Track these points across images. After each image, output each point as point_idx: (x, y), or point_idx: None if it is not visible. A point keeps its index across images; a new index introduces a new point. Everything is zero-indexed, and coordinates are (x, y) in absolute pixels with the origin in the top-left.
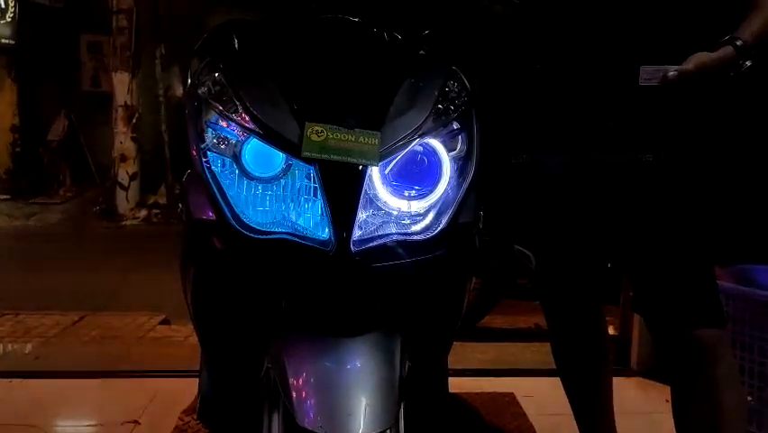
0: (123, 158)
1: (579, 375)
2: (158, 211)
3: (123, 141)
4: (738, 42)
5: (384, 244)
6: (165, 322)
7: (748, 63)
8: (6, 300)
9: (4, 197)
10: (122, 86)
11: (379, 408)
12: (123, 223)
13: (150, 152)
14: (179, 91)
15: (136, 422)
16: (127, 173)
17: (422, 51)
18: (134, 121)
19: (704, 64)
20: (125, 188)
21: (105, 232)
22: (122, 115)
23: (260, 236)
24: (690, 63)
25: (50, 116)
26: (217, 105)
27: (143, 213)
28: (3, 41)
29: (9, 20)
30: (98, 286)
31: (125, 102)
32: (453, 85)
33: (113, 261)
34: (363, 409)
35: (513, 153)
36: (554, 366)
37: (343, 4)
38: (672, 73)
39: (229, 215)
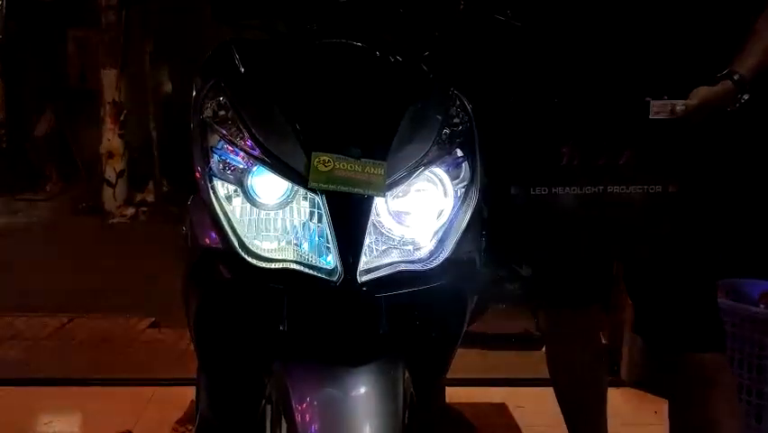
0: (111, 155)
1: (573, 384)
2: (145, 209)
3: (111, 138)
4: (736, 77)
5: (390, 274)
6: (155, 325)
7: (745, 97)
8: None
9: None
10: (110, 82)
11: None
12: (111, 221)
13: (138, 149)
14: (168, 88)
15: (129, 432)
16: (114, 170)
17: (424, 75)
18: (122, 118)
19: (707, 99)
20: (112, 186)
21: (92, 229)
22: (109, 111)
23: (266, 264)
24: (695, 98)
25: (37, 112)
26: (222, 130)
27: (131, 211)
28: None
29: None
30: (86, 285)
31: (113, 99)
32: (457, 111)
33: (100, 259)
34: None
35: (531, 185)
36: (546, 376)
37: (345, 26)
38: (679, 108)
39: (235, 242)
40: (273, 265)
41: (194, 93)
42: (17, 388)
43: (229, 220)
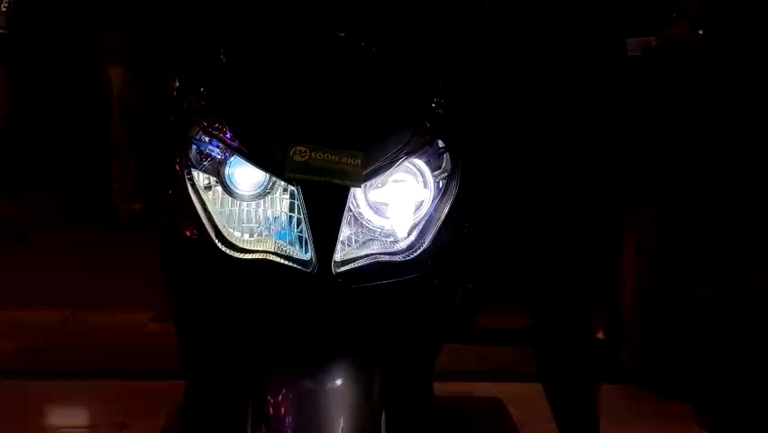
0: (118, 150)
1: (562, 382)
2: (153, 204)
3: (118, 133)
4: (688, 15)
5: (367, 265)
6: (157, 319)
7: (701, 32)
8: None
9: None
10: (117, 77)
11: (359, 429)
12: (118, 215)
13: (146, 144)
14: (175, 84)
15: (123, 424)
16: (122, 165)
17: (408, 66)
18: (129, 113)
19: (670, 36)
20: (120, 181)
21: (99, 224)
22: (117, 106)
23: (243, 255)
24: (660, 38)
25: (44, 107)
26: (202, 120)
27: (138, 206)
28: None
29: (4, 9)
30: (90, 279)
31: (120, 94)
32: (439, 101)
33: (106, 254)
34: (342, 430)
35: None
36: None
37: (330, 17)
38: (654, 43)
39: (212, 233)
40: (250, 256)
41: (176, 83)
42: (14, 380)
43: (206, 211)
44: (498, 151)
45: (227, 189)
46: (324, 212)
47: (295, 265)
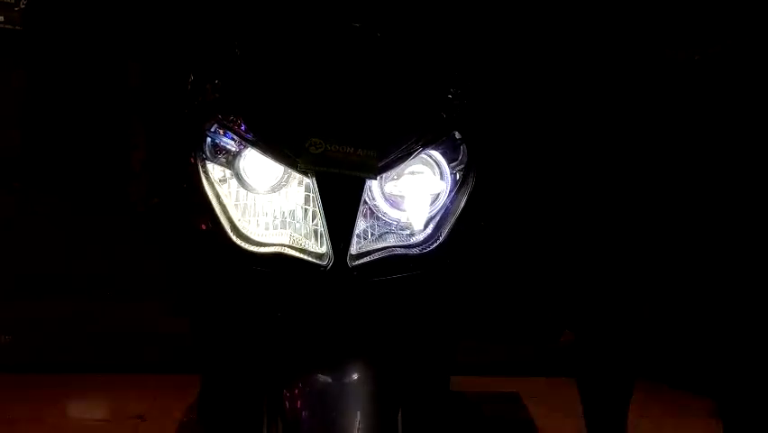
0: (135, 145)
1: (597, 378)
2: (167, 198)
3: (135, 128)
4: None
5: (382, 258)
6: (172, 313)
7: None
8: (12, 288)
9: (15, 184)
10: (133, 72)
11: (375, 425)
12: (135, 210)
13: (162, 140)
14: (189, 77)
15: (141, 418)
16: (139, 161)
17: (424, 57)
18: (146, 108)
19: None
20: (137, 176)
21: (116, 219)
22: (133, 102)
23: (258, 248)
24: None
25: (61, 104)
26: (217, 113)
27: (155, 200)
28: (16, 27)
29: (23, 6)
30: (107, 273)
31: (137, 89)
32: (456, 91)
33: (123, 248)
34: (358, 425)
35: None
36: (560, 366)
37: (345, 7)
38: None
39: (227, 226)
40: (265, 249)
41: (191, 77)
42: (32, 374)
43: (221, 204)
44: (516, 144)
45: (242, 182)
46: (339, 205)
47: (310, 258)
